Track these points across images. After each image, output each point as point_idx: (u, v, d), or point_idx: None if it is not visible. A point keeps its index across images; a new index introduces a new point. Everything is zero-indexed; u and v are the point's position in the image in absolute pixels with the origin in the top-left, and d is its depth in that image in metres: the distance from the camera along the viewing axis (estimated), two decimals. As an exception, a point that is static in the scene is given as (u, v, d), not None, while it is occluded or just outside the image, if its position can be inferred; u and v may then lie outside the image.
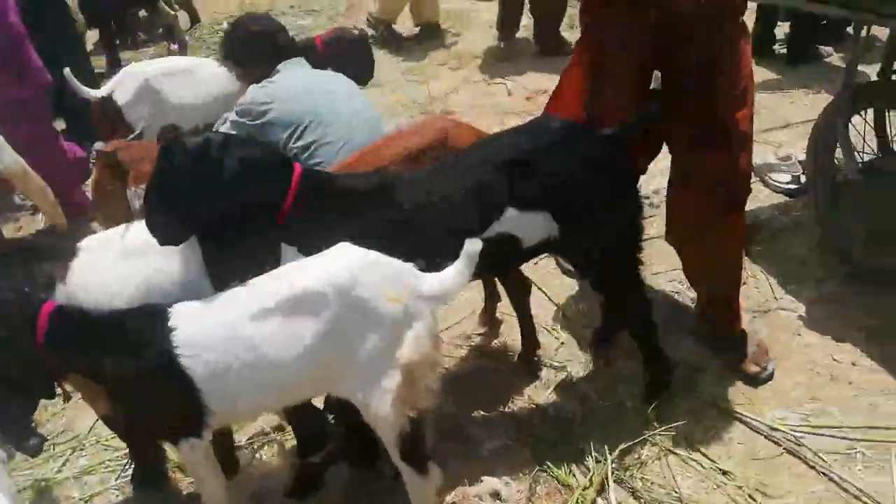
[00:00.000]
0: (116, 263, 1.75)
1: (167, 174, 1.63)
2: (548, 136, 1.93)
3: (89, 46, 6.95)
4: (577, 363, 2.54)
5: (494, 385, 2.50)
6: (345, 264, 1.62)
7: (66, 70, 3.04)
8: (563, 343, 2.65)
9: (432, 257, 1.71)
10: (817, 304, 2.65)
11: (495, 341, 2.70)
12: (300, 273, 1.63)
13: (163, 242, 1.67)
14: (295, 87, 2.67)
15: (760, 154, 3.62)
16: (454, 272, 1.66)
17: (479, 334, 2.73)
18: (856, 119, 2.71)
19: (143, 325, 1.61)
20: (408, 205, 1.82)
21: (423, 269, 1.70)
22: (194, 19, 7.34)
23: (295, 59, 2.80)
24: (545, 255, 2.56)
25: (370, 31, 5.99)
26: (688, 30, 1.95)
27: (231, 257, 1.73)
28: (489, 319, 2.68)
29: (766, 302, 2.72)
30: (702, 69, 1.99)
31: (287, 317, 1.58)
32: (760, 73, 4.26)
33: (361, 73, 3.43)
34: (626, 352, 2.43)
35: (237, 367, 1.60)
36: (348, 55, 3.26)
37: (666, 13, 1.91)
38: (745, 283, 2.80)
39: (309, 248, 1.74)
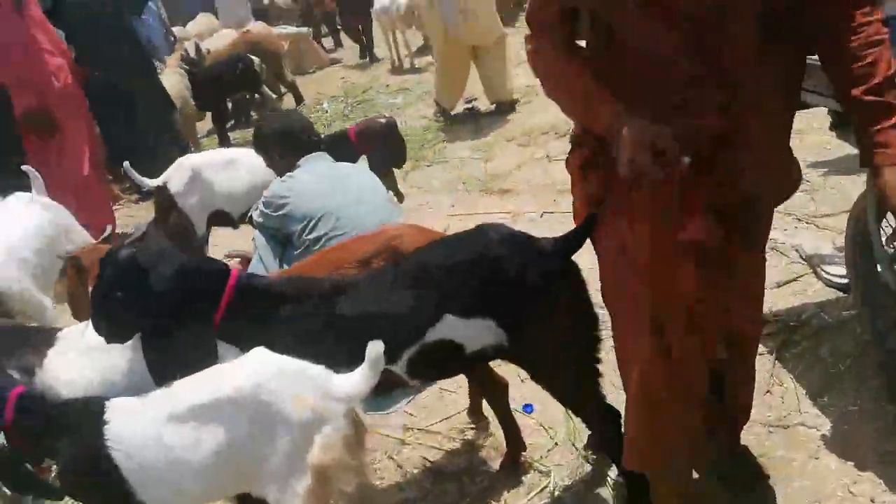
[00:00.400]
0: (81, 355, 1.94)
1: (103, 282, 1.81)
2: (488, 245, 1.91)
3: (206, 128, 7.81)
4: (566, 469, 2.42)
5: (475, 483, 2.44)
6: (252, 370, 1.69)
7: (126, 164, 3.46)
8: (556, 444, 2.53)
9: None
10: (845, 421, 2.34)
11: (490, 438, 2.65)
12: (211, 379, 1.72)
13: (108, 341, 1.84)
14: (310, 181, 2.83)
15: (815, 242, 3.33)
16: (359, 375, 1.68)
17: (472, 428, 2.68)
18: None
19: (83, 417, 1.76)
20: (341, 309, 1.87)
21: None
22: (298, 100, 8.01)
23: (316, 153, 2.98)
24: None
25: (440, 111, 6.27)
26: None
27: (169, 355, 1.87)
28: (476, 415, 2.63)
29: (787, 416, 2.44)
30: None
31: (197, 421, 1.67)
32: (837, 148, 3.95)
33: (394, 157, 3.61)
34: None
35: (158, 464, 1.69)
36: (379, 142, 3.45)
37: None
38: (769, 392, 2.57)
39: (247, 347, 1.84)
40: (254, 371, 1.70)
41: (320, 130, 3.96)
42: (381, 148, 3.46)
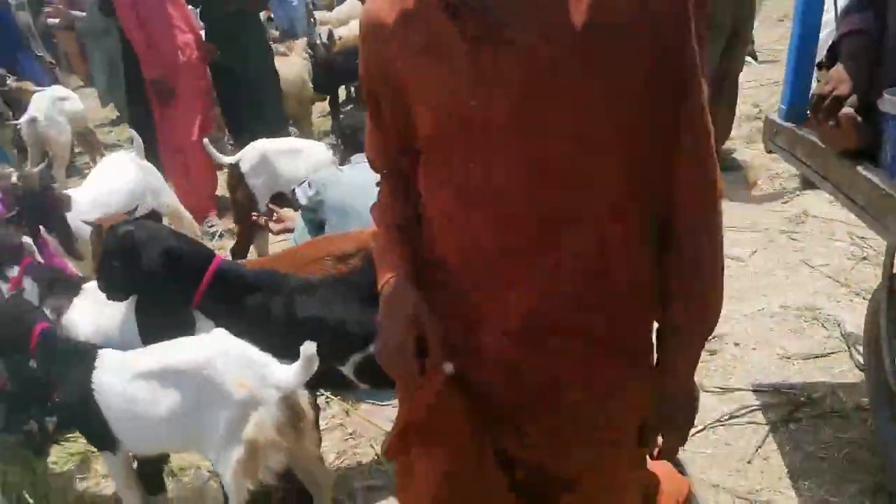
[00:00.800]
0: (94, 307, 2.27)
1: (105, 250, 2.12)
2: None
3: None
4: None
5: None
6: (206, 348, 1.93)
7: (205, 140, 3.88)
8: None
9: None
10: (817, 511, 2.23)
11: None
12: (175, 348, 1.98)
13: (109, 298, 2.15)
14: (354, 177, 3.05)
15: (860, 320, 3.10)
16: (295, 370, 1.86)
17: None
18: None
19: (81, 360, 2.07)
20: (300, 308, 2.10)
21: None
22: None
23: None
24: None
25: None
26: None
27: (155, 320, 2.15)
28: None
29: (760, 491, 2.34)
30: None
31: (158, 382, 1.94)
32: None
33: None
34: None
35: (126, 413, 1.99)
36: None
37: None
38: (750, 462, 2.48)
39: (221, 324, 2.09)
40: (208, 349, 1.95)
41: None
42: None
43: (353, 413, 3.02)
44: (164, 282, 2.10)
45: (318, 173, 3.14)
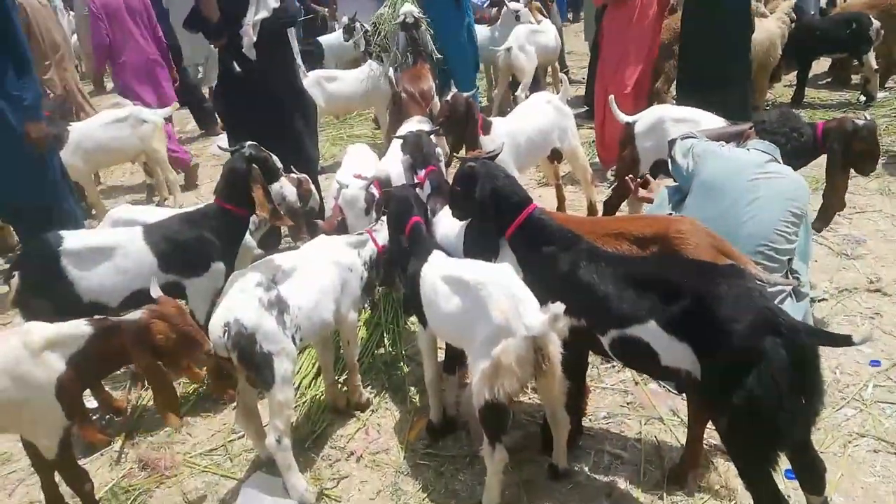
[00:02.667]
0: (449, 217, 2.89)
1: (456, 178, 2.61)
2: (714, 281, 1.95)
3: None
4: None
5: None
6: (489, 273, 2.31)
7: (611, 97, 4.08)
8: None
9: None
10: None
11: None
12: (469, 266, 2.43)
13: (453, 216, 2.75)
14: (737, 157, 3.02)
15: None
16: (542, 319, 2.10)
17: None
18: None
19: (426, 252, 2.64)
20: (581, 272, 2.27)
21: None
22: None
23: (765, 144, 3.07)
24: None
25: None
26: None
27: (475, 239, 2.60)
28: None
29: None
30: None
31: (451, 287, 2.43)
32: None
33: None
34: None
35: (429, 300, 2.54)
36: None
37: None
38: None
39: (520, 258, 2.47)
40: (489, 274, 2.30)
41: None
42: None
43: (642, 387, 3.10)
44: (489, 211, 2.52)
45: (699, 142, 3.11)
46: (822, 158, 3.33)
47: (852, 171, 3.36)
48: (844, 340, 1.82)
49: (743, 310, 1.89)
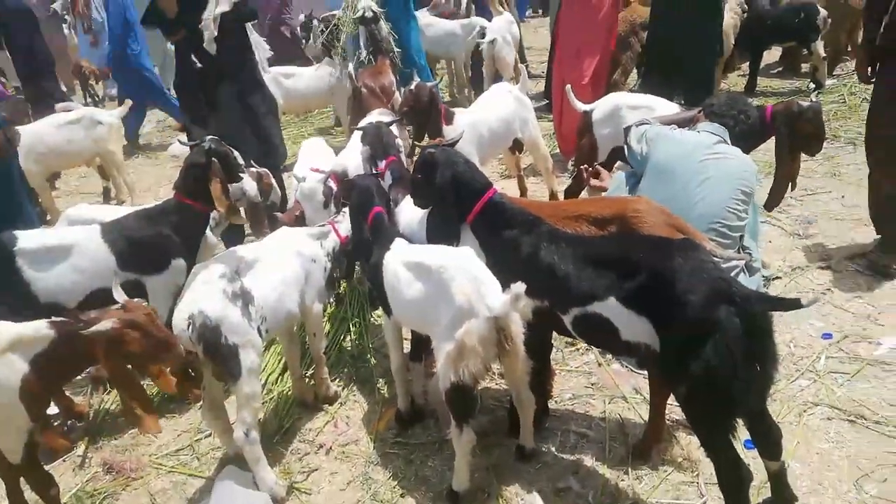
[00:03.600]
0: (411, 206, 2.89)
1: (416, 165, 2.65)
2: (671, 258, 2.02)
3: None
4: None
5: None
6: (450, 257, 2.34)
7: (568, 87, 4.15)
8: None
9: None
10: None
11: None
12: (433, 251, 2.45)
13: (415, 204, 2.76)
14: (686, 139, 3.10)
15: None
16: (504, 300, 2.12)
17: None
18: None
19: (387, 240, 2.65)
20: (542, 253, 2.32)
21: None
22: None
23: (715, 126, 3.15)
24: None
25: None
26: None
27: (436, 224, 2.63)
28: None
29: None
30: None
31: (413, 273, 2.44)
32: None
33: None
34: None
35: (392, 287, 2.56)
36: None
37: None
38: None
39: (481, 243, 2.49)
40: (450, 258, 2.33)
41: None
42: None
43: (605, 368, 3.16)
44: (449, 197, 2.54)
45: (651, 127, 3.18)
46: (772, 143, 3.44)
47: (803, 155, 3.48)
48: (794, 304, 1.89)
49: (698, 281, 1.94)
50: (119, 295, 2.38)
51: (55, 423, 3.15)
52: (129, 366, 2.35)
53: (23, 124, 5.36)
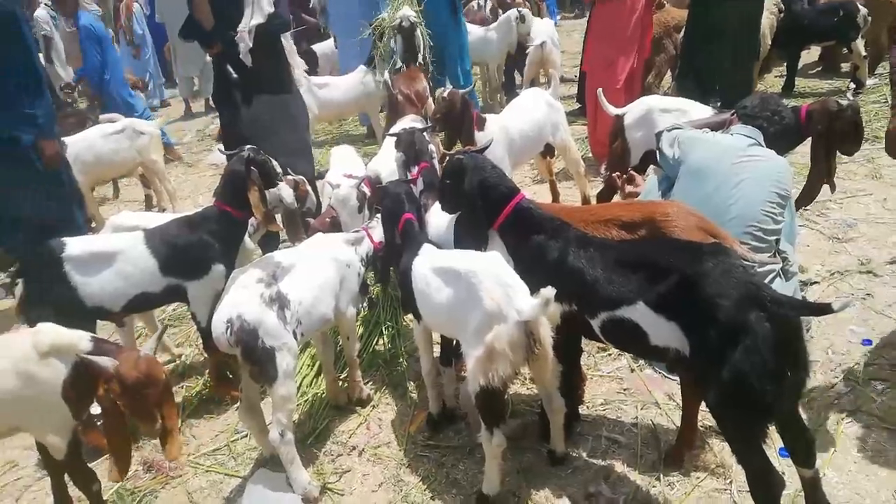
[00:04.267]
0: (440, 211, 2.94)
1: (444, 171, 2.68)
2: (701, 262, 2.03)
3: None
4: None
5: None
6: (479, 262, 2.36)
7: (599, 90, 4.14)
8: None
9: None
10: None
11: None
12: (460, 256, 2.47)
13: (442, 209, 2.80)
14: (720, 141, 3.08)
15: None
16: (533, 304, 2.14)
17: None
18: None
19: (417, 245, 2.69)
20: (571, 258, 2.33)
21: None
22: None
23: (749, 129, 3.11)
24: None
25: None
26: None
27: (465, 231, 2.66)
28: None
29: None
30: None
31: (442, 278, 2.47)
32: None
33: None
34: None
35: (421, 292, 2.59)
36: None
37: None
38: None
39: (509, 248, 2.52)
40: (479, 263, 2.35)
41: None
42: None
43: (638, 373, 3.15)
44: (477, 203, 2.57)
45: (683, 131, 3.15)
46: (807, 146, 3.38)
47: (844, 157, 3.40)
48: (824, 309, 1.87)
49: (728, 286, 1.93)
50: (148, 346, 2.38)
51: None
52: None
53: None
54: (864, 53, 6.66)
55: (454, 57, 6.47)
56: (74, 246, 3.00)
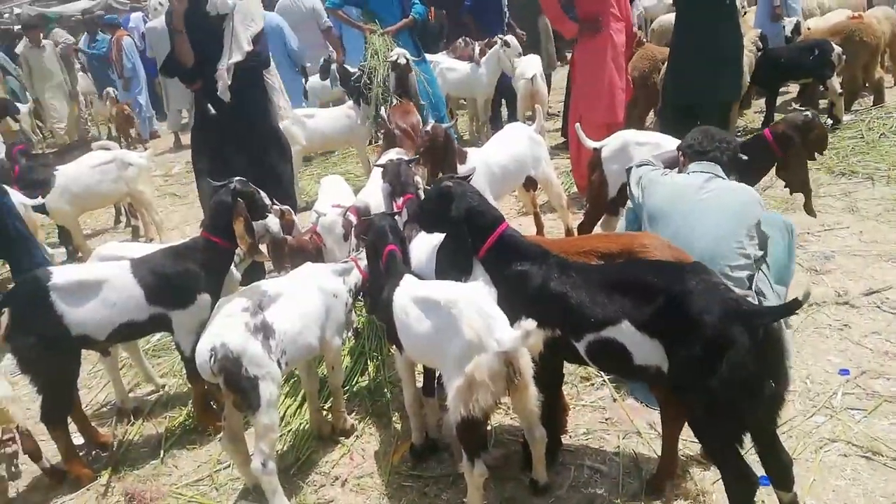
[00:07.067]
0: (422, 243, 2.99)
1: (427, 196, 2.75)
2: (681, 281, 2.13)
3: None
4: None
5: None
6: (459, 292, 2.39)
7: (577, 125, 4.23)
8: None
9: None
10: None
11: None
12: (442, 287, 2.50)
13: (423, 229, 2.89)
14: (675, 183, 3.09)
15: None
16: (514, 335, 2.18)
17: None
18: None
19: (398, 277, 2.71)
20: (553, 285, 2.38)
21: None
22: (876, 99, 7.17)
23: (706, 164, 3.17)
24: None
25: None
26: None
27: (446, 257, 2.71)
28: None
29: None
30: None
31: (422, 308, 2.49)
32: None
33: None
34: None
35: (402, 322, 2.60)
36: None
37: None
38: None
39: (492, 277, 2.57)
40: (460, 293, 2.38)
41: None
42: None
43: (620, 403, 3.17)
44: (462, 230, 2.62)
45: (646, 173, 3.20)
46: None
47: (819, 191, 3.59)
48: (795, 305, 2.00)
49: (711, 302, 2.04)
50: None
51: (80, 454, 3.23)
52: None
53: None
54: (839, 90, 6.86)
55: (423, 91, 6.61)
56: (60, 275, 3.01)
